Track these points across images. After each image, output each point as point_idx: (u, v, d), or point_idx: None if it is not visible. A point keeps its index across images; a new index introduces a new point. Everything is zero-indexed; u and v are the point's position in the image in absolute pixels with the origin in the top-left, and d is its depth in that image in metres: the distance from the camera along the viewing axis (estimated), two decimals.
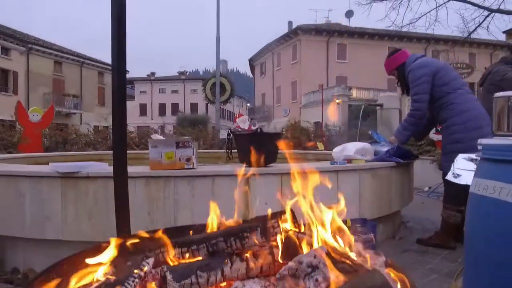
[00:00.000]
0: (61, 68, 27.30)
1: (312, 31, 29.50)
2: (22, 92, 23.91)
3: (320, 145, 7.91)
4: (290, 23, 34.72)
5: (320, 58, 29.34)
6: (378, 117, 4.38)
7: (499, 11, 8.66)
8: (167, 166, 2.16)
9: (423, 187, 6.31)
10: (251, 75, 46.23)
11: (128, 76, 37.09)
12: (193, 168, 2.19)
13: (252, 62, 40.10)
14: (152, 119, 51.53)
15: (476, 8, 8.88)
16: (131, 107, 48.51)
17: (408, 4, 9.75)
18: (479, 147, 2.07)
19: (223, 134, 9.70)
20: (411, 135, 3.09)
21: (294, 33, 30.15)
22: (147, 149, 2.26)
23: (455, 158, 2.84)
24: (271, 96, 34.73)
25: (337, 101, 23.88)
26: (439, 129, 3.03)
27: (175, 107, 51.17)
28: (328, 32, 29.66)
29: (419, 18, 10.27)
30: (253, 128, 9.55)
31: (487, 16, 8.82)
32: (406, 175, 3.20)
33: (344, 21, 33.61)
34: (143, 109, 52.08)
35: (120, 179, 1.58)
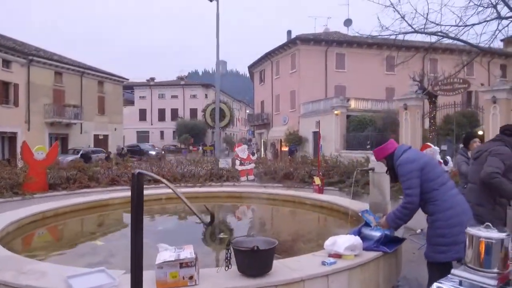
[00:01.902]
0: (62, 79, 27.46)
1: (311, 41, 29.67)
2: (23, 103, 24.09)
3: (317, 180, 8.15)
4: (289, 32, 34.90)
5: (319, 67, 29.53)
6: (370, 179, 4.60)
7: (489, 49, 8.95)
8: (171, 284, 2.38)
9: (416, 228, 6.50)
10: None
11: (127, 81, 37.23)
12: (196, 285, 2.41)
13: (251, 69, 40.23)
14: (151, 124, 51.67)
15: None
16: (131, 112, 48.61)
17: (403, 39, 10.00)
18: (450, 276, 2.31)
19: (222, 163, 9.95)
20: (403, 224, 3.30)
21: (293, 43, 30.33)
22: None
23: (438, 250, 3.07)
24: (270, 104, 34.89)
25: (336, 112, 24.10)
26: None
27: (174, 112, 51.14)
28: (326, 41, 29.83)
29: (414, 55, 10.54)
30: (252, 157, 9.77)
31: (479, 53, 9.12)
32: (393, 258, 3.41)
33: (343, 29, 33.87)
34: (142, 114, 51.99)
35: None
